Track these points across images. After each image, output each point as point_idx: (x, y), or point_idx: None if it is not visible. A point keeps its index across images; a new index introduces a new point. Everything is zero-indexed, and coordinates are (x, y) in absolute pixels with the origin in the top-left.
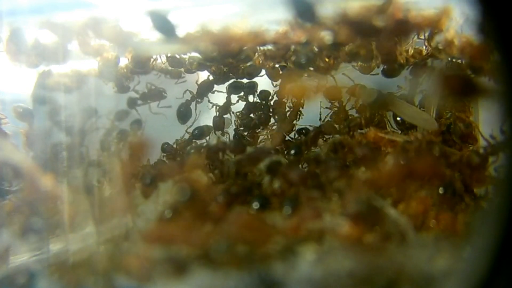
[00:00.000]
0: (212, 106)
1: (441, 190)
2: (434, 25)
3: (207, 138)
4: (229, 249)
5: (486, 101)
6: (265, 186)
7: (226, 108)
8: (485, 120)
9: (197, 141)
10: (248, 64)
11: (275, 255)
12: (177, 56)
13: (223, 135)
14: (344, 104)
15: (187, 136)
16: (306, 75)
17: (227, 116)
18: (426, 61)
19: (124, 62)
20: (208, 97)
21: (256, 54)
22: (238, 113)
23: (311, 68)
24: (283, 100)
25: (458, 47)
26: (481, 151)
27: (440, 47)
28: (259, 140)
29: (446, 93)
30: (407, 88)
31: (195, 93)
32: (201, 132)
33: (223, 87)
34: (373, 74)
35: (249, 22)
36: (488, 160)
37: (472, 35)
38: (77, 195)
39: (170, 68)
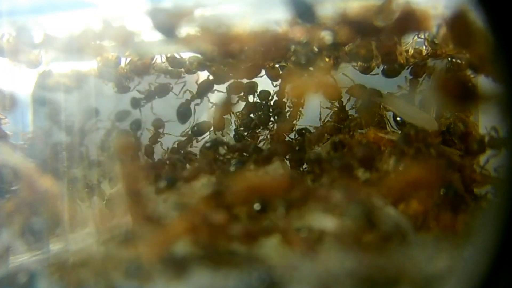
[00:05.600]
0: (212, 106)
1: (441, 191)
2: (433, 24)
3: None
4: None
5: (485, 103)
6: None
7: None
8: (485, 121)
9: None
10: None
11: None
12: (177, 56)
13: (223, 135)
14: (344, 104)
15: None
16: (306, 75)
17: (227, 116)
18: (426, 61)
19: (124, 62)
20: (208, 97)
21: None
22: (238, 113)
23: (311, 68)
24: (283, 100)
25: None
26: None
27: (440, 46)
28: (259, 140)
29: (445, 96)
30: (407, 88)
31: (195, 93)
32: (200, 129)
33: (223, 87)
34: (373, 74)
35: (249, 22)
36: (485, 149)
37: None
38: (77, 195)
39: (170, 68)
